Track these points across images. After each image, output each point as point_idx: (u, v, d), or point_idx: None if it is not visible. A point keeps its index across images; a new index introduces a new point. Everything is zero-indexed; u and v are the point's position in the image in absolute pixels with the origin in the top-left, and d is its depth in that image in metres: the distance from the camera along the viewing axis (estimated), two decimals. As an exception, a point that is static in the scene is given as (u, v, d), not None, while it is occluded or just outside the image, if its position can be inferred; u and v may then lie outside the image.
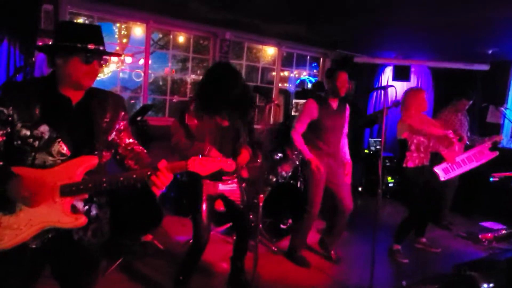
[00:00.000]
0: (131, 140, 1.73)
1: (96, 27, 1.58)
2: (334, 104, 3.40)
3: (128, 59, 6.88)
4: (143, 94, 5.51)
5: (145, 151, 1.74)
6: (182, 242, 3.78)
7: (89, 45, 1.49)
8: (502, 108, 4.71)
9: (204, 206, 2.62)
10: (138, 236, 3.37)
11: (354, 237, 4.33)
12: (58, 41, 1.50)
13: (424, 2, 3.63)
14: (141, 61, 5.94)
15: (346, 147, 3.58)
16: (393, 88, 3.13)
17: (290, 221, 4.00)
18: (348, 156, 3.56)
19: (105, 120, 1.62)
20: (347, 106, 3.55)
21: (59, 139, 1.50)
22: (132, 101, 8.24)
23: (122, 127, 1.70)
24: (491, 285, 2.52)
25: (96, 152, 1.56)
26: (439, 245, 4.14)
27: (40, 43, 4.17)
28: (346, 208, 3.45)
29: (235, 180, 2.77)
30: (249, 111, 2.79)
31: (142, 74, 5.54)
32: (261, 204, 2.57)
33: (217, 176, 2.51)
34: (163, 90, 7.73)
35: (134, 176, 1.53)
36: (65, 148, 1.50)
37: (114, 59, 6.94)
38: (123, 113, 1.70)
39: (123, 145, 1.70)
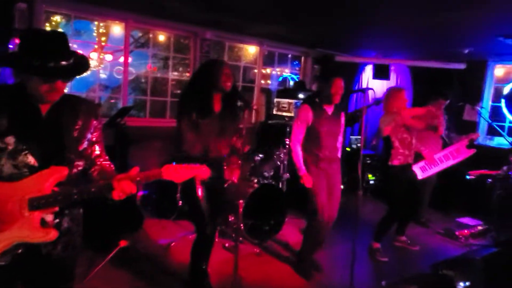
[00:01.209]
0: (103, 154, 1.68)
1: (61, 37, 1.44)
2: (329, 109, 3.30)
3: (108, 57, 6.75)
4: (122, 94, 5.41)
5: (113, 166, 1.68)
6: (164, 245, 3.74)
7: (49, 64, 1.35)
8: (477, 107, 4.83)
9: (199, 192, 2.63)
10: (118, 241, 3.31)
11: (336, 236, 4.37)
12: (18, 55, 1.39)
13: (402, 4, 3.68)
14: (122, 59, 5.84)
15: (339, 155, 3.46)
16: (371, 90, 3.18)
17: (272, 222, 4.01)
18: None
19: (76, 127, 1.56)
20: (342, 112, 3.44)
21: (26, 151, 1.44)
22: (112, 101, 8.11)
23: (94, 139, 1.64)
24: (467, 284, 2.58)
25: (66, 163, 1.49)
26: (418, 243, 4.22)
27: (17, 42, 4.04)
28: (330, 217, 3.37)
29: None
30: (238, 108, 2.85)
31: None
32: (241, 210, 2.55)
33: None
34: (144, 89, 7.61)
35: (104, 186, 1.48)
36: (32, 160, 1.44)
37: (93, 56, 6.81)
38: (95, 122, 1.63)
39: (93, 157, 1.64)
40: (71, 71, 1.45)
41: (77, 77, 1.53)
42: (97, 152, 1.65)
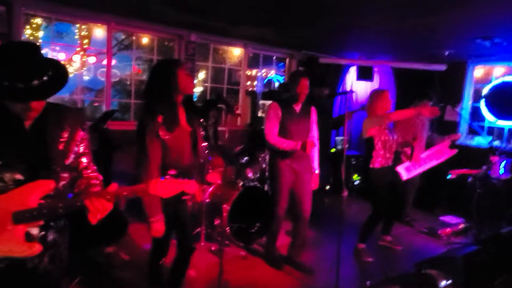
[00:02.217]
0: (90, 165, 1.65)
1: (32, 52, 1.33)
2: (297, 107, 3.43)
3: (92, 59, 6.67)
4: (105, 98, 5.35)
5: (101, 177, 1.65)
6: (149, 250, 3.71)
7: (17, 85, 1.25)
8: (458, 108, 4.93)
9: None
10: (102, 247, 3.27)
11: (321, 237, 4.41)
12: None
13: (383, 8, 3.74)
14: (105, 61, 5.77)
15: (315, 154, 3.54)
16: (354, 92, 3.24)
17: (258, 224, 4.02)
18: (316, 164, 3.57)
19: (61, 140, 1.52)
20: (312, 109, 3.55)
21: (11, 165, 1.39)
22: (96, 104, 8.01)
23: (81, 150, 1.60)
24: (449, 282, 2.64)
25: (52, 176, 1.46)
26: (402, 242, 4.29)
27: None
28: (304, 213, 3.50)
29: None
30: (206, 111, 2.73)
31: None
32: (225, 214, 2.54)
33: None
34: (128, 91, 7.53)
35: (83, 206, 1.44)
36: (17, 173, 1.41)
37: (76, 58, 6.71)
38: (82, 133, 1.59)
39: (80, 169, 1.61)
40: (44, 91, 1.34)
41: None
42: (84, 164, 1.62)
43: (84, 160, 1.62)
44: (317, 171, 3.59)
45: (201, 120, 2.88)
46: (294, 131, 3.37)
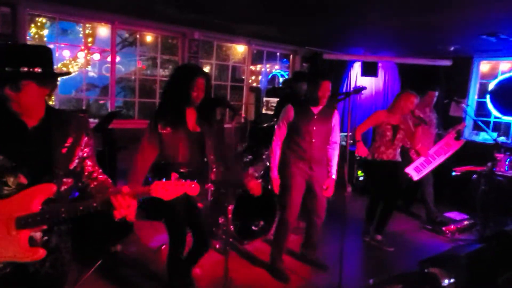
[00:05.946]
0: (96, 168, 1.66)
1: (36, 51, 1.45)
2: (316, 109, 3.26)
3: (96, 56, 6.72)
4: (110, 96, 5.38)
5: (110, 179, 1.67)
6: (155, 248, 3.75)
7: (21, 68, 1.36)
8: (463, 105, 4.90)
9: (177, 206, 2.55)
10: (107, 246, 3.31)
11: (324, 234, 4.40)
12: None
13: (388, 4, 3.72)
14: (110, 58, 5.81)
15: (334, 160, 3.39)
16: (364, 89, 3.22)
17: (261, 223, 4.04)
18: (334, 170, 3.39)
19: (66, 145, 1.53)
20: (335, 113, 3.36)
21: (15, 168, 1.42)
22: (102, 102, 8.06)
23: (85, 155, 1.61)
24: (452, 280, 2.64)
25: (55, 180, 1.48)
26: (406, 239, 4.27)
27: None
28: (317, 219, 3.43)
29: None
30: (215, 113, 2.82)
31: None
32: (230, 216, 2.57)
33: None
34: (132, 87, 7.57)
35: (94, 204, 1.45)
36: (21, 177, 1.43)
37: (80, 55, 6.76)
38: (86, 138, 1.60)
39: (86, 173, 1.62)
40: (28, 76, 1.40)
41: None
42: (89, 168, 1.63)
43: (88, 163, 1.63)
44: (334, 176, 3.39)
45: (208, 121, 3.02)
46: (307, 133, 3.23)
